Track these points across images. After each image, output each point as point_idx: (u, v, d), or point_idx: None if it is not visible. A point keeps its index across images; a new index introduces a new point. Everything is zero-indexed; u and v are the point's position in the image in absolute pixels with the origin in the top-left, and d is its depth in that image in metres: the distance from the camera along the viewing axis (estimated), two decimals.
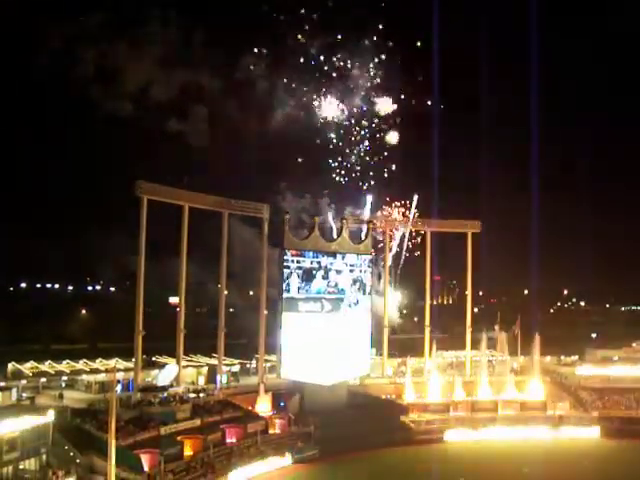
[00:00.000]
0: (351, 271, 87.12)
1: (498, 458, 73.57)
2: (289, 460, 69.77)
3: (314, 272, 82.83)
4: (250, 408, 78.04)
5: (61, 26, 69.90)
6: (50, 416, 57.77)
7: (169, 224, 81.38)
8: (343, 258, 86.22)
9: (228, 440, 68.94)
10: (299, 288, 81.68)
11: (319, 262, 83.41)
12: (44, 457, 56.31)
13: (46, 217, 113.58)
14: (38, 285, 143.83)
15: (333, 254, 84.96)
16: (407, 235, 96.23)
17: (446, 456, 75.09)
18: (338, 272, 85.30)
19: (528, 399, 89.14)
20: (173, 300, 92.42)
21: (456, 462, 72.46)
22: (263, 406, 79.09)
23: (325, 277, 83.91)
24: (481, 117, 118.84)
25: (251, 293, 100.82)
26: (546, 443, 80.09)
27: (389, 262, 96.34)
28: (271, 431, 73.78)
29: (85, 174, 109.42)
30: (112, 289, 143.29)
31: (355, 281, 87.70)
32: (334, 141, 73.99)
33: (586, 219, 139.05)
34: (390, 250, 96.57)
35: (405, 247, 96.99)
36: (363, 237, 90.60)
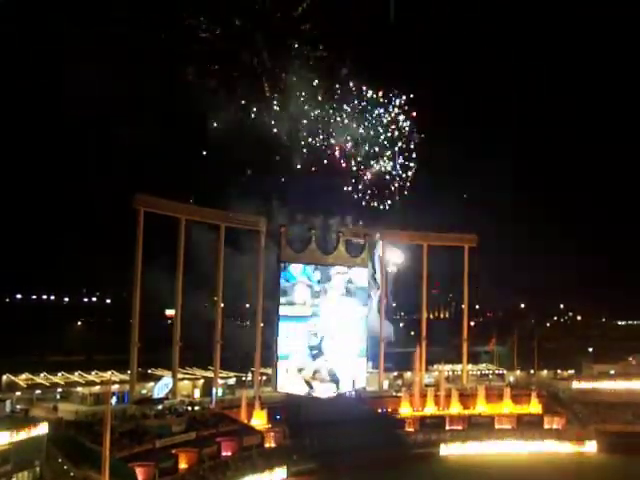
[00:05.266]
0: (348, 283, 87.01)
1: (494, 472, 73.14)
2: (284, 474, 69.33)
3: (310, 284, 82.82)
4: (246, 421, 77.68)
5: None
6: (44, 428, 57.45)
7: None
8: (339, 270, 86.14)
9: (223, 453, 68.45)
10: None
11: (315, 274, 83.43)
12: (37, 470, 55.90)
13: (41, 228, 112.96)
14: (34, 296, 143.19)
15: (330, 266, 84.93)
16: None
17: (442, 470, 74.79)
18: (335, 284, 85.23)
19: (524, 413, 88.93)
20: (169, 312, 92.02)
21: (452, 476, 72.18)
22: (259, 419, 78.73)
23: (322, 289, 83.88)
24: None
25: (247, 305, 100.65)
26: (542, 457, 79.76)
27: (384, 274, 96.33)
28: (267, 444, 73.34)
29: (76, 183, 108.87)
30: (108, 301, 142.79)
31: (352, 294, 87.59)
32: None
33: (584, 232, 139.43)
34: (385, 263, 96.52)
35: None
36: (360, 250, 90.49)
